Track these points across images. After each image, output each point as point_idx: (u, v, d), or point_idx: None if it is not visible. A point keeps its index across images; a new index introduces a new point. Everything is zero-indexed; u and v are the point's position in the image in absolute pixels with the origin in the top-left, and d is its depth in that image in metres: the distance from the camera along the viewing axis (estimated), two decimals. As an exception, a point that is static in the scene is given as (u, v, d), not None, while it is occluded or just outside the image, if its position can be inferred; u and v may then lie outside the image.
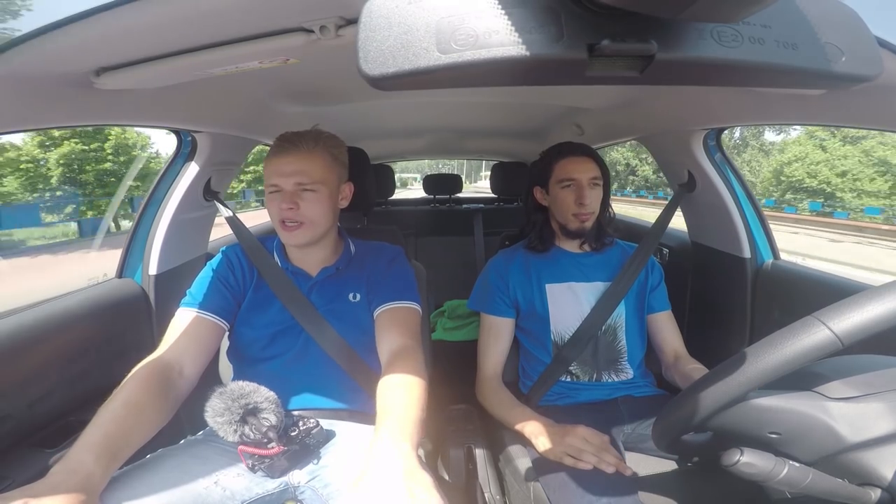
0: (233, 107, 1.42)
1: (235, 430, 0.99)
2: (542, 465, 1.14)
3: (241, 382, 1.06)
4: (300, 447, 1.02)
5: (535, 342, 1.41)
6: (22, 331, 1.11)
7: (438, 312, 2.85)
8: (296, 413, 1.13)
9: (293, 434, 1.03)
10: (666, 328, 1.42)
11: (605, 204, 1.43)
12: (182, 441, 1.08)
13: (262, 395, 1.04)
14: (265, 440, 0.98)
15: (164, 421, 0.95)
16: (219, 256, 1.26)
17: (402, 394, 0.94)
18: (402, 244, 1.64)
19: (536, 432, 1.15)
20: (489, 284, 1.45)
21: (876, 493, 0.60)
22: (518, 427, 1.21)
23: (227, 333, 1.22)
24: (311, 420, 1.06)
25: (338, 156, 1.21)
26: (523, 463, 1.23)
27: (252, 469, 0.99)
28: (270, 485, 0.99)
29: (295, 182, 1.13)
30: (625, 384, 1.37)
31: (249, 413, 1.01)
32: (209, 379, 1.12)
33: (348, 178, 1.26)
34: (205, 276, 1.22)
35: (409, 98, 1.88)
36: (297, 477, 1.01)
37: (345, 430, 1.12)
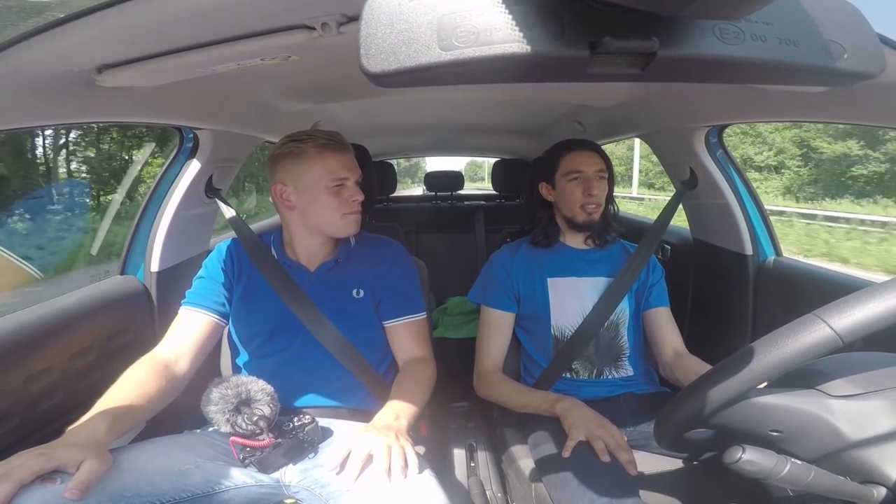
0: (234, 104, 1.42)
1: (228, 420, 1.00)
2: (545, 464, 1.14)
3: (240, 375, 1.07)
4: (293, 442, 1.01)
5: (535, 338, 1.41)
6: (24, 328, 1.11)
7: (440, 310, 2.85)
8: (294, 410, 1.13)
9: (286, 428, 1.03)
10: (664, 324, 1.42)
11: (610, 198, 1.44)
12: None
13: (259, 386, 1.04)
14: (257, 431, 0.99)
15: (164, 401, 1.01)
16: (212, 252, 1.28)
17: (408, 389, 1.13)
18: (403, 241, 1.64)
19: (571, 407, 1.16)
20: (492, 277, 1.45)
21: (879, 491, 0.60)
22: (547, 406, 1.21)
23: (226, 329, 1.23)
24: (307, 416, 1.06)
25: None
26: (525, 462, 1.23)
27: (242, 462, 0.99)
28: (260, 478, 0.98)
29: (358, 174, 1.21)
30: (626, 381, 1.37)
31: (243, 403, 1.02)
32: (211, 375, 1.12)
33: None
34: (200, 273, 1.25)
35: (411, 95, 1.88)
36: (289, 475, 1.01)
37: (344, 430, 1.11)
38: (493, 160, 3.58)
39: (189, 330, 1.15)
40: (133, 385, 0.97)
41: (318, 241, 1.24)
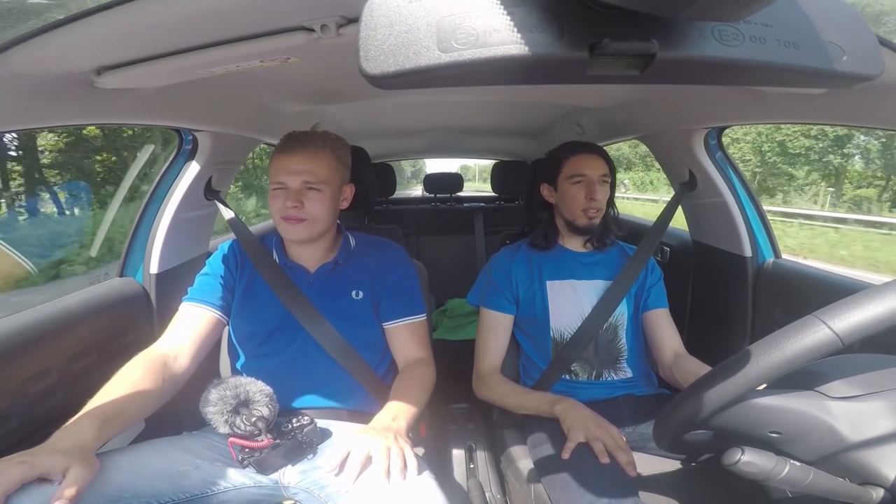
0: (234, 106, 1.41)
1: (227, 421, 0.99)
2: (544, 466, 1.14)
3: (239, 376, 1.06)
4: (291, 443, 1.01)
5: (535, 340, 1.41)
6: (23, 330, 1.11)
7: (440, 312, 2.86)
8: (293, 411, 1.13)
9: (285, 429, 1.03)
10: (662, 326, 1.42)
11: (611, 202, 1.44)
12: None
13: (258, 387, 1.04)
14: (255, 432, 0.98)
15: (159, 400, 0.99)
16: (216, 251, 1.28)
17: (407, 390, 1.12)
18: (403, 243, 1.64)
19: (570, 408, 1.16)
20: (492, 280, 1.45)
21: (878, 493, 0.60)
22: (545, 407, 1.20)
23: (226, 328, 1.23)
24: (306, 417, 1.06)
25: (342, 158, 1.22)
26: (525, 463, 1.23)
27: (241, 463, 0.98)
28: (259, 479, 0.98)
29: (302, 181, 1.14)
30: (625, 383, 1.37)
31: (242, 404, 1.01)
32: (210, 376, 1.12)
33: (350, 180, 1.26)
34: (203, 271, 1.25)
35: (410, 97, 1.88)
36: (288, 476, 1.01)
37: (343, 431, 1.11)
38: (481, 162, 3.59)
39: (190, 326, 1.14)
40: (126, 386, 0.95)
41: (306, 243, 1.24)
